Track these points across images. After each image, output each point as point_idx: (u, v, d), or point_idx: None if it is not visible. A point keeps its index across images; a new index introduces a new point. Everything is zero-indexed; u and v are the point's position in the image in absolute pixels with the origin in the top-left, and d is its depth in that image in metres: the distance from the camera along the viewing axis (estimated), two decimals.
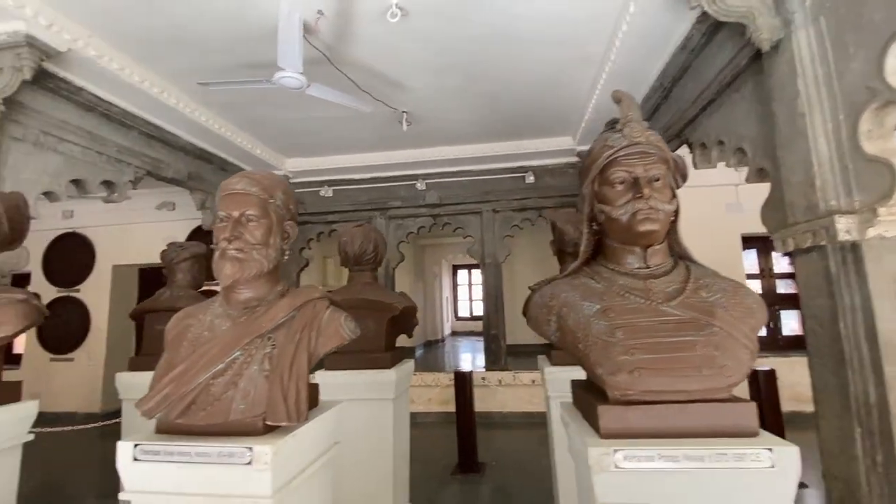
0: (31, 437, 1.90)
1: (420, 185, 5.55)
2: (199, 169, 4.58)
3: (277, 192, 1.58)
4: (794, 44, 1.98)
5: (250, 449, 1.24)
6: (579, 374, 2.11)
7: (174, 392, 1.29)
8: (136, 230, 6.29)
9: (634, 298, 1.29)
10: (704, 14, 2.57)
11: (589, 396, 1.33)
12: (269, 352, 1.35)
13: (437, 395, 5.37)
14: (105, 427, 4.84)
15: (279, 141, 4.89)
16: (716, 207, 5.13)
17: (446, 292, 10.82)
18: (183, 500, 1.27)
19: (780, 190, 2.16)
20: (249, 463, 1.23)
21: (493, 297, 5.41)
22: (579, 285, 1.41)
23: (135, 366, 2.86)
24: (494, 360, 5.44)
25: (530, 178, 5.32)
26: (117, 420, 2.99)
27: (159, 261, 6.22)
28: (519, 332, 5.01)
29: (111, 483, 3.02)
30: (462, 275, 11.10)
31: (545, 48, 3.17)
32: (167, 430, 1.33)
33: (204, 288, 6.00)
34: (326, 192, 5.75)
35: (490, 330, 5.50)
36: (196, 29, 2.86)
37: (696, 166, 3.29)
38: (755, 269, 5.52)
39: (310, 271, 6.27)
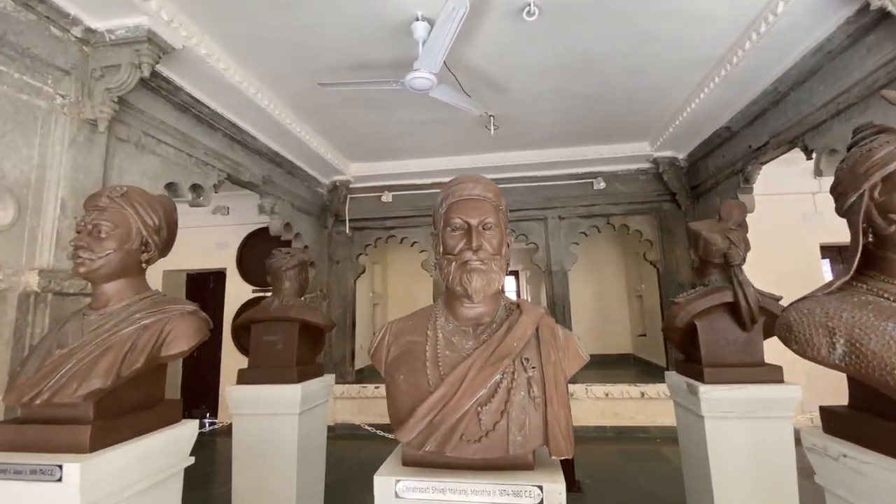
0: (192, 460, 1.76)
1: None
2: (272, 173, 4.47)
3: (502, 198, 1.46)
4: None
5: (540, 488, 1.10)
6: (739, 393, 1.99)
7: (440, 420, 1.16)
8: (188, 235, 6.15)
9: None
10: (857, 15, 2.46)
11: (894, 428, 1.19)
12: (532, 375, 1.22)
13: None
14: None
15: (350, 145, 4.79)
16: (793, 217, 4.99)
17: None
18: None
19: None
20: (540, 503, 1.10)
21: (561, 305, 5.26)
22: (864, 304, 1.27)
23: (245, 378, 2.72)
24: None
25: (600, 185, 5.20)
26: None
27: (208, 266, 6.12)
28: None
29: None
30: (509, 281, 10.90)
31: (666, 48, 3.05)
32: (427, 462, 1.19)
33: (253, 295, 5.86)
34: (387, 197, 5.63)
35: None
36: (313, 30, 2.76)
37: (821, 173, 3.17)
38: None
39: (362, 278, 6.13)
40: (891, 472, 1.15)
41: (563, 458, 1.14)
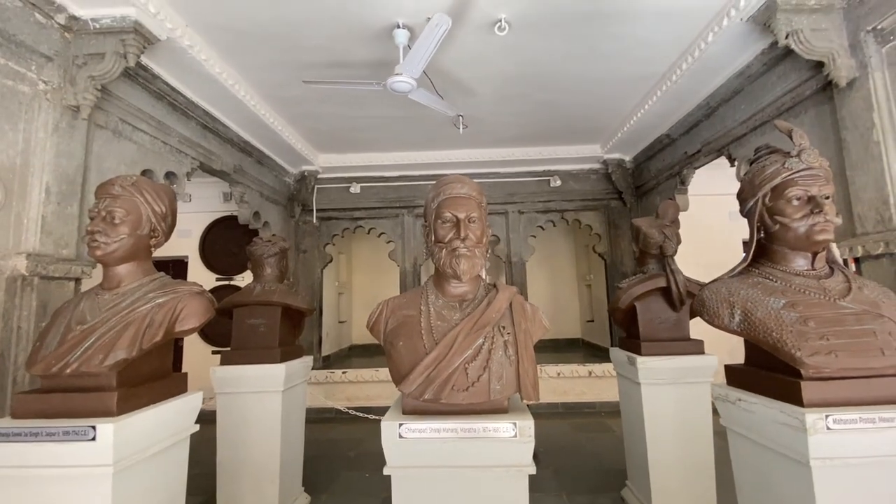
0: (197, 427, 1.93)
1: None
2: (242, 162, 4.51)
3: (483, 196, 1.74)
4: (871, 83, 2.35)
5: (514, 424, 1.41)
6: (669, 363, 2.42)
7: (436, 375, 1.43)
8: None
9: (814, 294, 1.56)
10: (770, 48, 2.94)
11: (772, 376, 1.59)
12: (507, 339, 1.52)
13: None
14: None
15: (320, 136, 4.89)
16: (720, 215, 5.65)
17: None
18: (449, 471, 1.42)
19: (846, 204, 2.54)
20: (515, 436, 1.40)
21: (520, 293, 5.63)
22: (755, 284, 1.66)
23: (228, 360, 2.86)
24: None
25: (556, 182, 5.62)
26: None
27: (168, 254, 6.00)
28: None
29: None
30: None
31: (617, 64, 3.44)
32: (422, 410, 1.47)
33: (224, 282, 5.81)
34: (355, 188, 5.78)
35: None
36: (296, 27, 2.89)
37: (739, 179, 3.68)
38: None
39: (328, 267, 6.24)
40: (769, 408, 1.55)
41: (530, 402, 1.45)
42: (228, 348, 2.88)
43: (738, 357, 1.80)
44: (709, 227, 5.56)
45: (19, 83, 2.34)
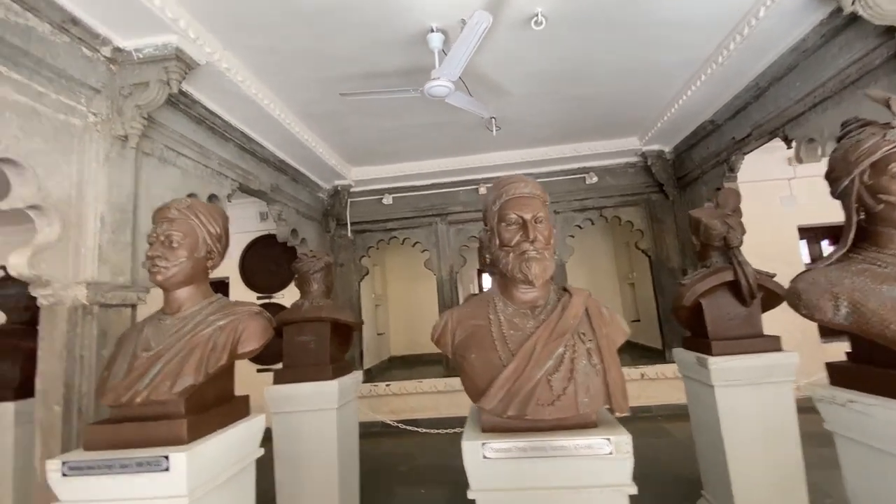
0: (262, 451, 1.89)
1: (482, 190, 5.62)
2: (278, 180, 4.55)
3: (546, 194, 1.64)
4: None
5: (608, 440, 1.29)
6: (744, 362, 2.23)
7: (517, 389, 1.33)
8: None
9: None
10: (830, 17, 2.74)
11: (891, 373, 1.42)
12: (590, 346, 1.40)
13: None
14: None
15: (352, 150, 4.91)
16: (771, 201, 5.35)
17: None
18: (540, 493, 1.31)
19: None
20: (611, 453, 1.28)
21: None
22: (861, 271, 1.49)
23: (281, 378, 2.84)
24: None
25: (592, 179, 5.45)
26: None
27: (216, 275, 6.13)
28: None
29: None
30: (486, 278, 11.21)
31: (656, 52, 3.29)
32: (504, 427, 1.37)
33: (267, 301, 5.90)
34: (388, 199, 5.76)
35: None
36: (330, 40, 2.89)
37: (801, 160, 3.45)
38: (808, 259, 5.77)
39: (364, 280, 6.24)
40: (893, 410, 1.37)
41: (622, 414, 1.33)
42: (273, 366, 2.85)
43: (809, 353, 1.64)
44: (758, 215, 5.21)
45: (71, 116, 2.40)
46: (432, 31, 2.76)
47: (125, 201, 2.60)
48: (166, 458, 1.41)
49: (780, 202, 5.36)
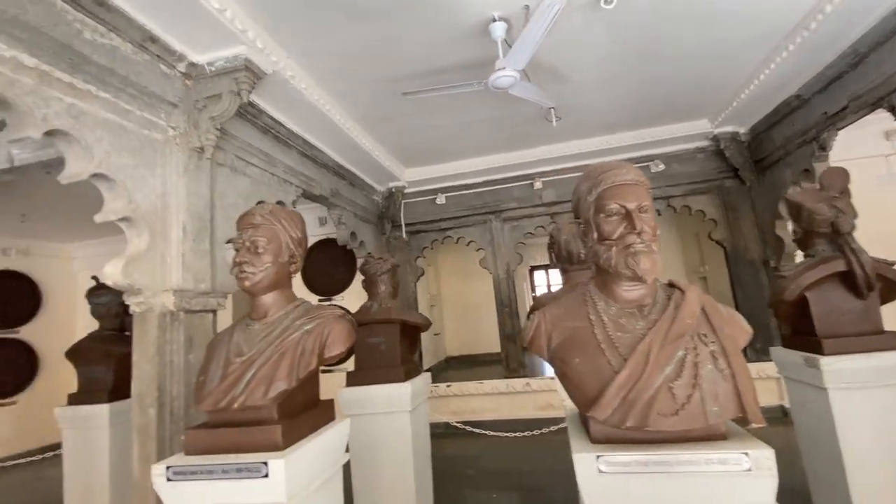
0: (348, 456, 1.87)
1: (537, 185, 5.45)
2: (337, 185, 4.62)
3: (648, 180, 1.50)
4: None
5: (746, 454, 1.13)
6: (865, 362, 1.95)
7: (634, 397, 1.20)
8: None
9: None
10: None
11: None
12: (713, 349, 1.25)
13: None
14: None
15: (406, 151, 4.90)
16: (866, 181, 4.80)
17: (527, 295, 10.68)
18: None
19: None
20: (749, 469, 1.13)
21: None
22: None
23: (353, 381, 2.84)
24: None
25: (658, 167, 5.13)
26: None
27: None
28: None
29: None
30: (539, 276, 10.92)
31: (734, 25, 3.02)
32: (617, 438, 1.24)
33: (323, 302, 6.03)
34: (441, 199, 5.72)
35: None
36: (391, 40, 2.86)
37: None
38: None
39: (419, 281, 6.23)
40: None
41: (760, 425, 1.17)
42: (332, 368, 2.86)
43: None
44: (855, 197, 4.73)
45: (153, 131, 2.50)
46: (494, 20, 2.66)
47: (203, 210, 2.69)
48: (265, 464, 1.40)
49: (876, 182, 4.81)
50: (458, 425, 4.71)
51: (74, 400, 3.32)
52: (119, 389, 3.34)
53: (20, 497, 4.48)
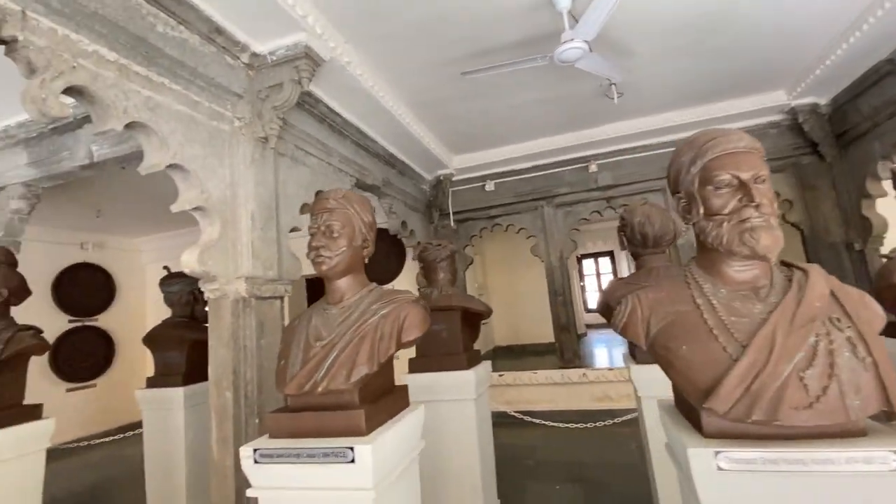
0: (424, 443, 1.84)
1: (592, 167, 5.23)
2: (388, 174, 4.61)
3: (763, 148, 1.35)
4: None
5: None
6: None
7: (759, 388, 1.08)
8: (303, 242, 6.58)
9: None
10: None
11: None
12: (850, 335, 1.10)
13: None
14: None
15: (455, 137, 4.83)
16: None
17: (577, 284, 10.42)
18: None
19: None
20: None
21: None
22: None
23: (415, 367, 2.83)
24: None
25: None
26: None
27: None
28: None
29: None
30: (588, 264, 10.61)
31: None
32: (736, 433, 1.13)
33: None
34: (490, 186, 5.62)
35: None
36: (448, 18, 2.77)
37: None
38: None
39: (467, 269, 6.17)
40: None
41: None
42: None
43: None
44: None
45: (220, 123, 2.56)
46: None
47: (269, 199, 2.74)
48: (351, 449, 1.39)
49: None
50: (515, 415, 4.64)
51: (152, 383, 3.51)
52: (192, 373, 3.50)
53: (104, 473, 4.83)
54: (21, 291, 2.56)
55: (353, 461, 1.38)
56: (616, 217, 6.92)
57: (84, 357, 6.23)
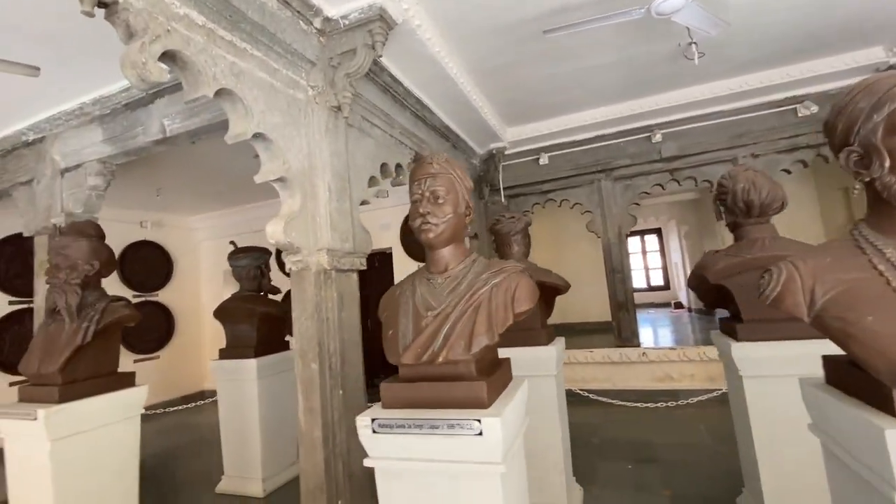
0: (528, 419, 1.77)
1: (656, 137, 4.94)
2: (442, 147, 4.49)
3: None
4: None
5: None
6: None
7: None
8: (367, 217, 6.60)
9: None
10: None
11: None
12: None
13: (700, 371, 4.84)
14: None
15: (512, 107, 4.63)
16: None
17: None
18: None
19: None
20: None
21: None
22: None
23: None
24: None
25: (809, 109, 4.41)
26: None
27: (375, 247, 6.49)
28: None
29: None
30: (633, 242, 10.25)
31: None
32: None
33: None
34: (544, 159, 5.42)
35: None
36: None
37: None
38: None
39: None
40: None
41: None
42: None
43: None
44: None
45: (296, 91, 2.49)
46: None
47: (343, 170, 2.68)
48: (478, 421, 1.33)
49: None
50: (581, 392, 4.56)
51: (225, 355, 3.60)
52: (262, 345, 3.57)
53: (178, 438, 5.07)
54: (110, 264, 2.62)
55: (480, 434, 1.33)
56: (679, 190, 6.58)
57: (148, 331, 6.51)
